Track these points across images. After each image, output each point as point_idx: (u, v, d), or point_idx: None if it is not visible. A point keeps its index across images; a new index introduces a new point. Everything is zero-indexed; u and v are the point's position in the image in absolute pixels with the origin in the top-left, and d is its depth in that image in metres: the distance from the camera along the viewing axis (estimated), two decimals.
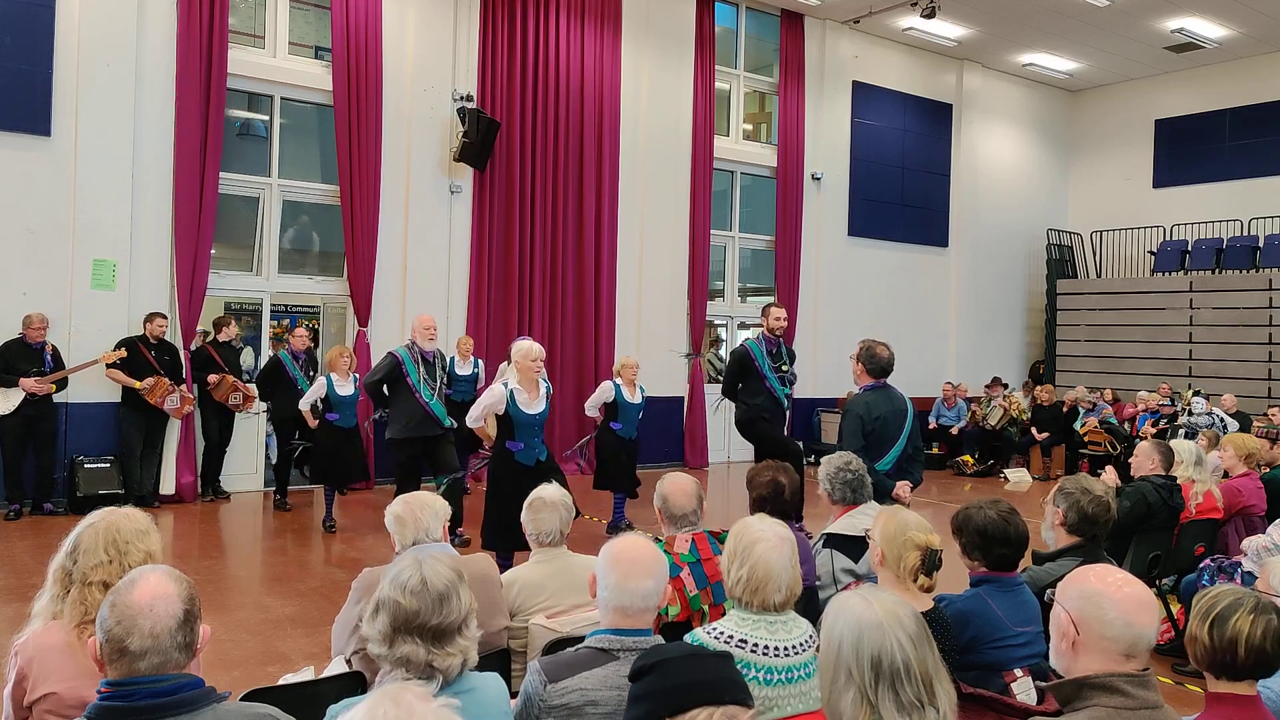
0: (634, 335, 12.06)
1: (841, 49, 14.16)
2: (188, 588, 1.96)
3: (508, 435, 5.96)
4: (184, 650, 1.90)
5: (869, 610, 1.89)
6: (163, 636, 1.86)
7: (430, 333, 7.26)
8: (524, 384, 5.94)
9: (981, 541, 3.08)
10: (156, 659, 1.86)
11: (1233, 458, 6.13)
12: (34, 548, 6.95)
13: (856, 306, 14.09)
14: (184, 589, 1.95)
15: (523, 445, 5.92)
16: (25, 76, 8.41)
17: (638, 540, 2.50)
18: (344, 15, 10.00)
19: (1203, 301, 14.45)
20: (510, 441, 5.95)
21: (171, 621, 1.88)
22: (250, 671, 4.59)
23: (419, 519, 3.22)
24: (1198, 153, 15.73)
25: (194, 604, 1.95)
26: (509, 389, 5.88)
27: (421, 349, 7.19)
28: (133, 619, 1.86)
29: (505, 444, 5.96)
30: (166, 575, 1.96)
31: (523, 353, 5.98)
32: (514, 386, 5.90)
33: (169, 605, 1.89)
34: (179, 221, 9.15)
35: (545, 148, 11.40)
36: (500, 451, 6.00)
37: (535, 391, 5.98)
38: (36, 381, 8.03)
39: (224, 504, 9.09)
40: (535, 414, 5.95)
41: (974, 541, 3.09)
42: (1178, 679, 4.84)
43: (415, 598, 2.05)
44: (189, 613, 1.92)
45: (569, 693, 2.25)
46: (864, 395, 5.21)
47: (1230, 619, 2.10)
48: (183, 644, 1.89)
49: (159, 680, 1.85)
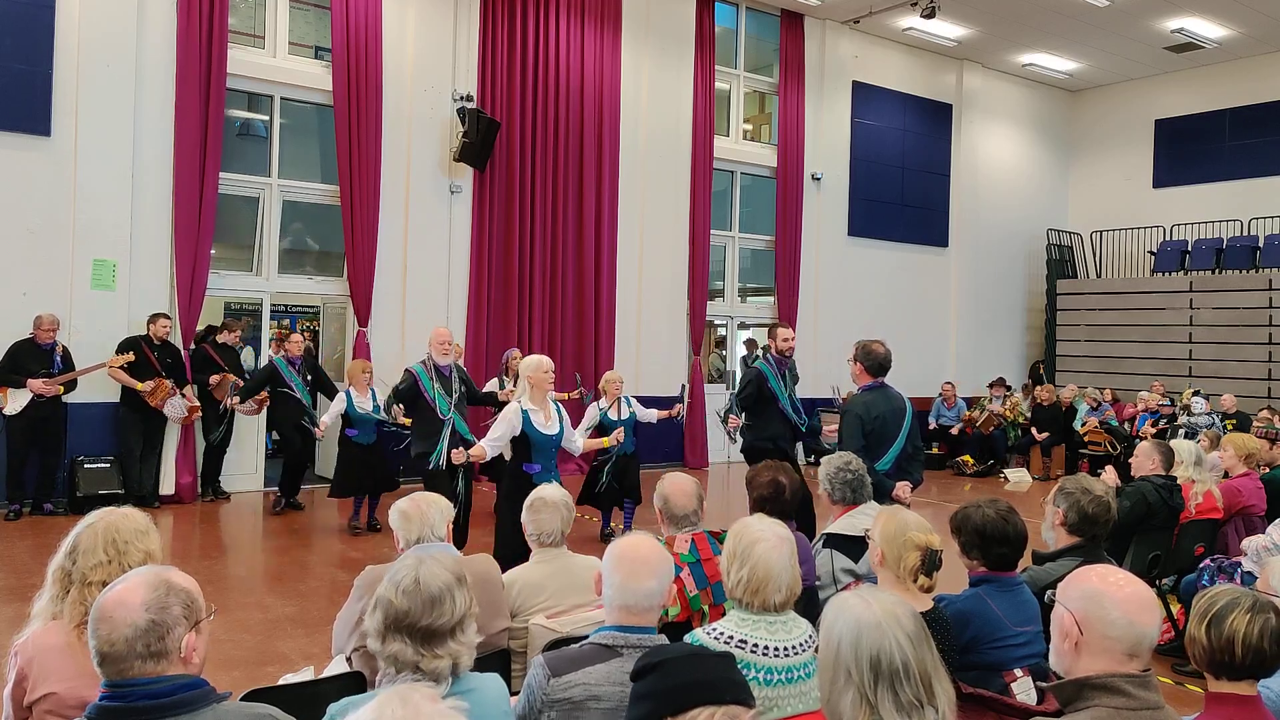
0: (634, 335, 12.06)
1: (841, 49, 14.16)
2: (164, 595, 1.89)
3: (524, 457, 5.53)
4: (150, 659, 1.85)
5: (868, 610, 1.89)
6: (119, 644, 1.84)
7: (444, 347, 6.82)
8: (536, 401, 5.54)
9: (980, 541, 3.07)
10: (115, 665, 1.85)
11: (1233, 458, 6.13)
12: (34, 548, 6.96)
13: (856, 306, 14.09)
14: (157, 596, 1.88)
15: (539, 467, 5.48)
16: (25, 76, 8.41)
17: (643, 540, 2.51)
18: (344, 15, 10.00)
19: (1203, 301, 14.45)
20: (527, 464, 5.50)
21: (128, 630, 1.84)
22: (250, 671, 4.59)
23: (425, 515, 3.23)
24: (1198, 153, 15.74)
25: (166, 612, 1.87)
26: (523, 409, 5.45)
27: (436, 363, 6.78)
28: (96, 624, 1.87)
29: (522, 466, 5.51)
30: (141, 581, 1.91)
31: (534, 367, 5.59)
32: (528, 406, 5.48)
33: (128, 614, 1.85)
34: (179, 221, 9.15)
35: (545, 148, 11.40)
36: (515, 473, 5.55)
37: (548, 410, 5.59)
38: (45, 383, 8.02)
39: (224, 504, 9.09)
40: (552, 435, 5.55)
41: (972, 541, 3.09)
42: (1178, 679, 4.84)
43: (406, 598, 2.06)
44: (155, 622, 1.85)
45: (572, 687, 2.26)
46: (862, 395, 5.21)
47: (1227, 618, 2.10)
48: (145, 653, 1.84)
49: (156, 681, 1.85)
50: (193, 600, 1.94)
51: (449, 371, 6.80)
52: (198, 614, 1.94)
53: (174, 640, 1.88)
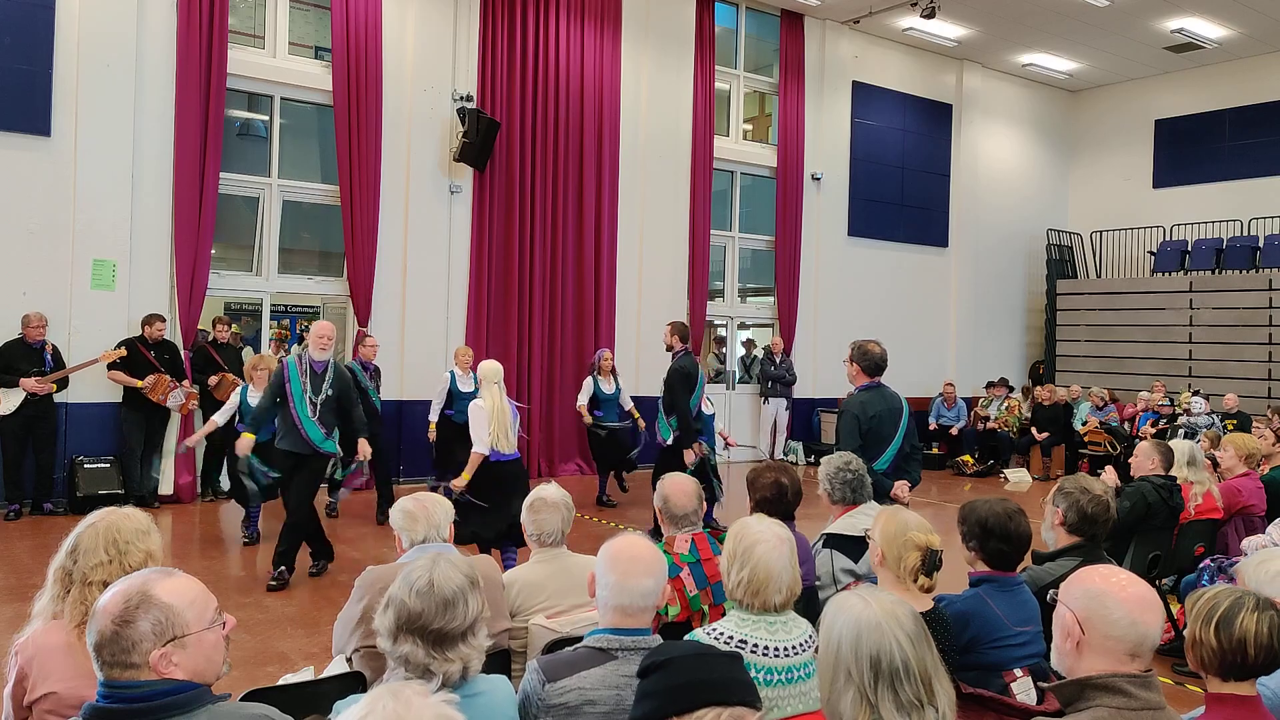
0: (634, 335, 12.05)
1: (841, 49, 14.16)
2: (133, 609, 1.85)
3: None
4: (118, 667, 1.84)
5: (867, 610, 1.89)
6: (94, 647, 1.86)
7: (322, 342, 6.38)
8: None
9: (980, 532, 3.10)
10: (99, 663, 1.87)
11: (1233, 458, 6.13)
12: (34, 548, 6.95)
13: (856, 307, 14.08)
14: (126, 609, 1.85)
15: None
16: (25, 76, 8.41)
17: (637, 539, 2.50)
18: (344, 15, 9.99)
19: (1203, 301, 14.44)
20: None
21: (97, 637, 1.85)
22: (250, 671, 4.58)
23: (430, 515, 3.21)
24: (1197, 153, 15.73)
25: (131, 627, 1.84)
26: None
27: (311, 359, 6.36)
28: (88, 624, 1.90)
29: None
30: (121, 593, 1.88)
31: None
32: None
33: (99, 621, 1.86)
34: (179, 221, 9.14)
35: (545, 148, 11.39)
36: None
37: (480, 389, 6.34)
38: (37, 381, 8.03)
39: (224, 504, 9.08)
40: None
41: (973, 531, 3.13)
42: (1178, 679, 4.84)
43: (420, 599, 2.05)
44: (119, 634, 1.83)
45: (567, 692, 2.25)
46: (859, 395, 5.21)
47: (1236, 620, 2.09)
48: (112, 661, 1.84)
49: (152, 683, 1.85)
50: (169, 617, 1.87)
51: (322, 369, 6.36)
52: (176, 630, 1.87)
53: (140, 654, 1.85)
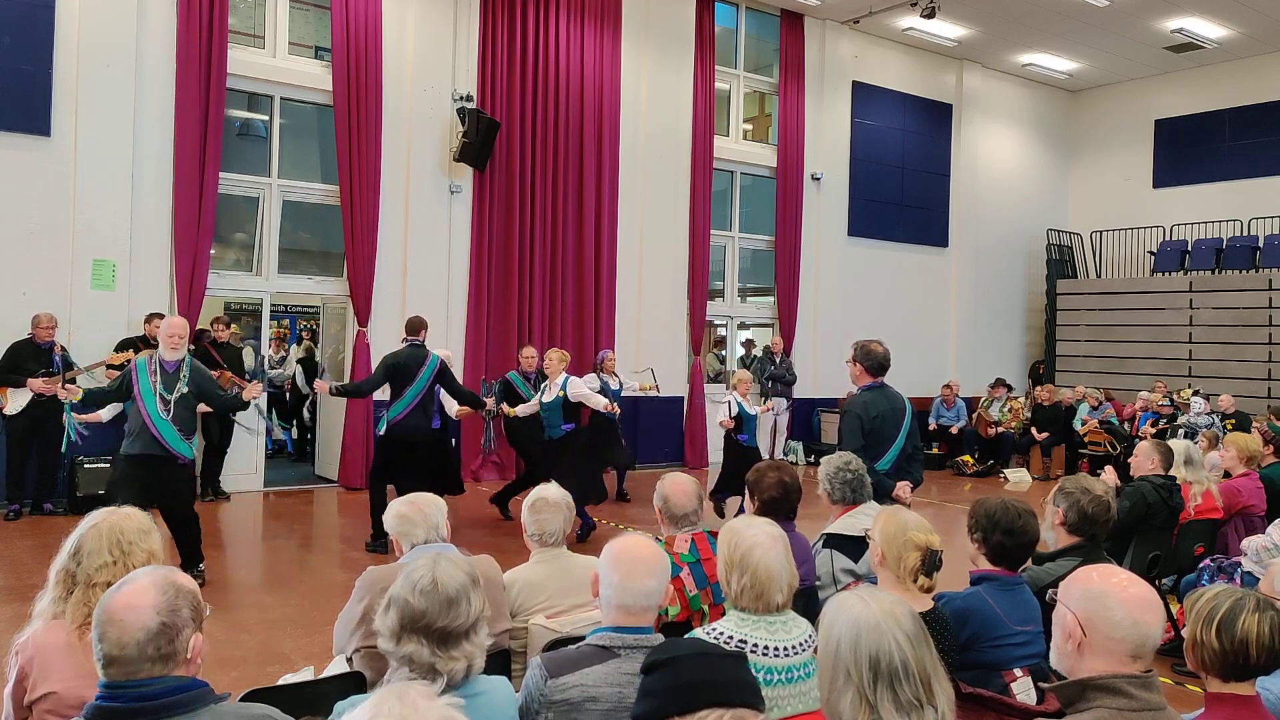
0: (634, 335, 12.05)
1: (841, 49, 14.16)
2: (174, 597, 1.89)
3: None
4: (159, 662, 1.85)
5: (866, 610, 1.89)
6: (129, 647, 1.83)
7: (172, 340, 6.09)
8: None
9: (986, 524, 3.12)
10: (125, 668, 1.84)
11: (1233, 458, 6.13)
12: (34, 548, 6.95)
13: (856, 307, 14.08)
14: (168, 598, 1.88)
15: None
16: (25, 76, 8.41)
17: (639, 539, 2.51)
18: (344, 15, 9.99)
19: (1203, 301, 14.45)
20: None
21: (139, 633, 1.83)
22: (250, 671, 4.59)
23: (428, 516, 3.20)
24: (1197, 153, 15.73)
25: (177, 615, 1.87)
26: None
27: (162, 358, 6.10)
28: (105, 626, 1.86)
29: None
30: (150, 584, 1.90)
31: None
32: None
33: (139, 616, 1.84)
34: (179, 221, 9.14)
35: (545, 148, 11.39)
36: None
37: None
38: (45, 382, 8.01)
39: (224, 504, 9.09)
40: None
41: (980, 523, 3.15)
42: (1178, 679, 4.84)
43: (424, 598, 2.05)
44: (166, 625, 1.85)
45: (569, 689, 2.25)
46: (862, 395, 5.21)
47: (1238, 620, 2.09)
48: (155, 656, 1.84)
49: (154, 682, 1.85)
50: (198, 601, 1.94)
51: (174, 368, 6.10)
52: (202, 614, 1.95)
53: (183, 642, 1.88)
